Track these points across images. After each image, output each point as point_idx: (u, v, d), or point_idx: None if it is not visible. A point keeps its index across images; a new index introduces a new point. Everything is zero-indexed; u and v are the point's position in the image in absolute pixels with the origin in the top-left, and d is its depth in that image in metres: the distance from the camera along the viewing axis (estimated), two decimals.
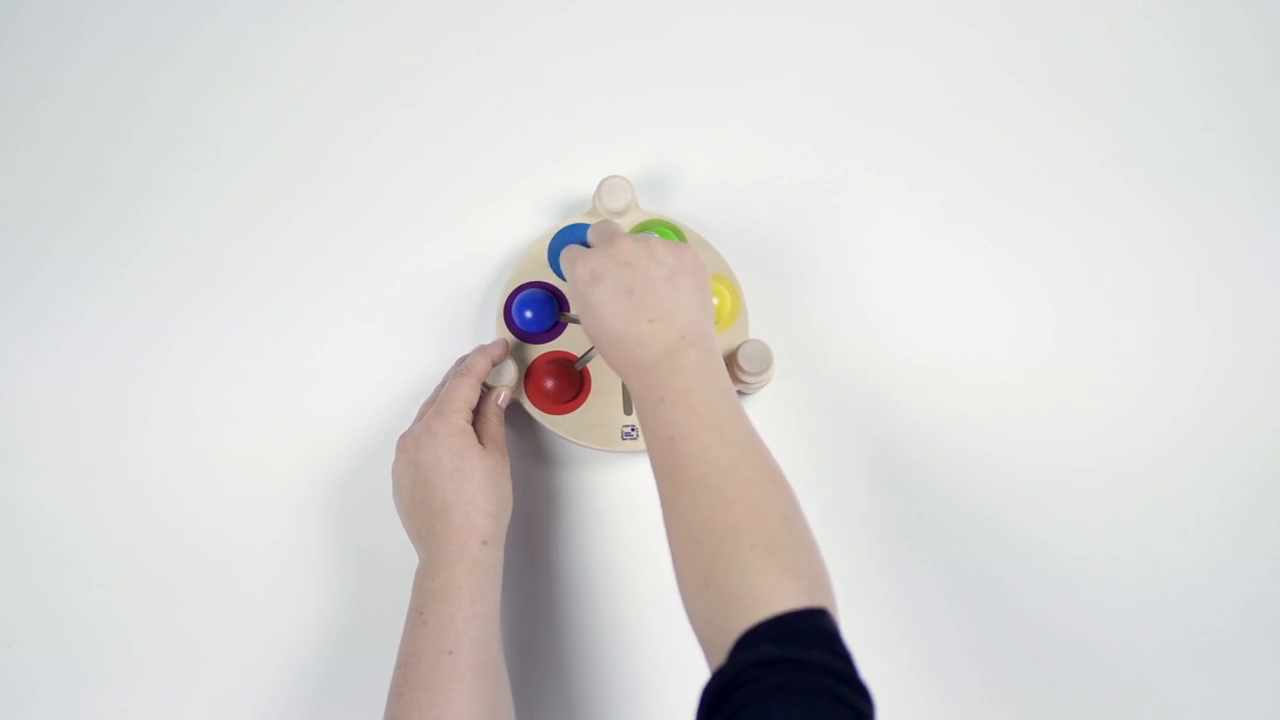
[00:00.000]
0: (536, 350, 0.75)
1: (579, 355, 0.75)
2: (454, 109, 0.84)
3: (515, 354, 0.74)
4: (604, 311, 0.61)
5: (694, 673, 0.71)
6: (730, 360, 0.72)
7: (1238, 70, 0.83)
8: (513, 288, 0.76)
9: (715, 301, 0.73)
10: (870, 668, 0.67)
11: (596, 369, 0.74)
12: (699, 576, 0.52)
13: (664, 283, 0.61)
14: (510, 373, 0.73)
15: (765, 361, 0.71)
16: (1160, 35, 0.84)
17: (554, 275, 0.76)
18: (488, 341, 0.75)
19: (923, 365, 0.75)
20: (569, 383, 0.73)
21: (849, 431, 0.74)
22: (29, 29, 0.88)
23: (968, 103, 0.82)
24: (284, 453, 0.75)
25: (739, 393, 0.74)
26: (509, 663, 0.64)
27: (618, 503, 0.74)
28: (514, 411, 0.74)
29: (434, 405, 0.69)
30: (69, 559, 0.74)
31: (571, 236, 0.77)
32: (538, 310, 0.74)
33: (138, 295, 0.80)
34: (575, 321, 0.75)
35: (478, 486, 0.65)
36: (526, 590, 0.72)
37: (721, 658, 0.49)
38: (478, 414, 0.70)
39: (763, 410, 0.74)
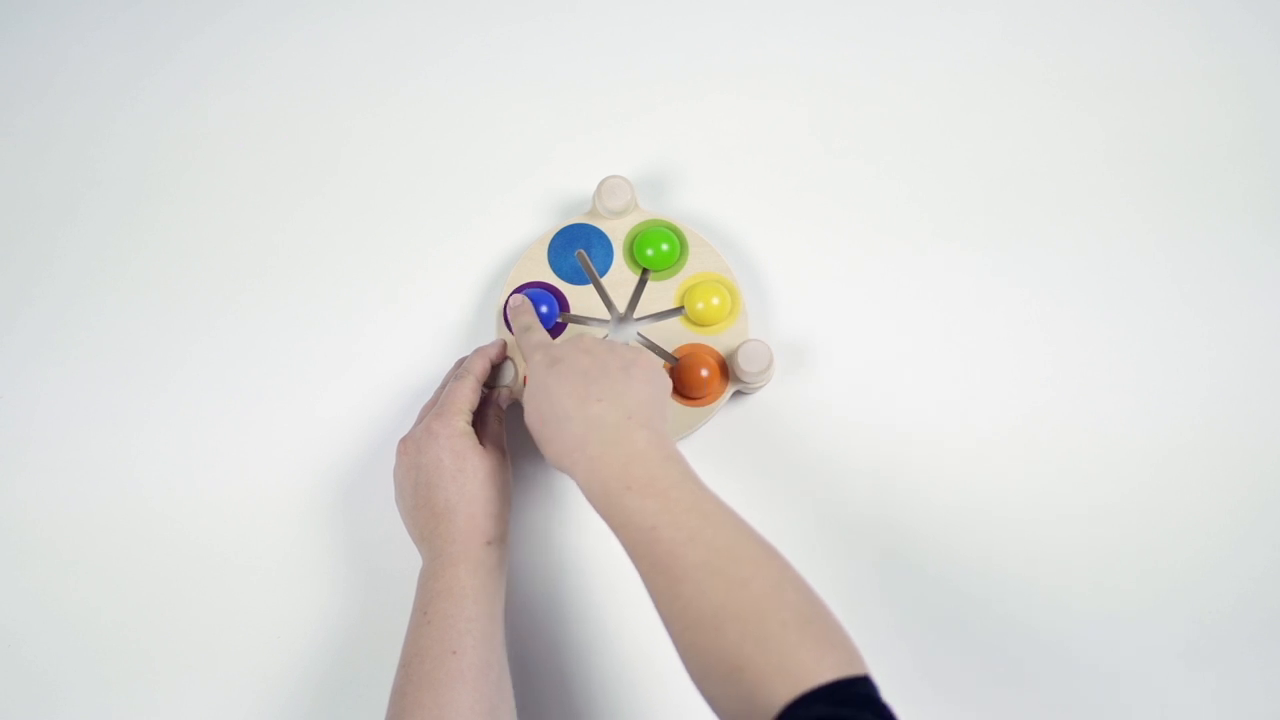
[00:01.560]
0: None
1: None
2: (453, 109, 0.84)
3: (514, 354, 0.74)
4: (555, 391, 0.61)
5: None
6: (731, 360, 0.73)
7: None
8: (513, 288, 0.76)
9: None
10: (870, 668, 0.67)
11: None
12: (727, 661, 0.50)
13: (619, 371, 0.62)
14: (510, 373, 0.73)
15: (765, 361, 0.72)
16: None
17: (554, 275, 0.76)
18: (487, 342, 0.75)
19: (922, 364, 0.76)
20: None
21: (849, 431, 0.74)
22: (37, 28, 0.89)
23: (972, 101, 0.82)
24: (285, 454, 0.76)
25: (739, 392, 0.75)
26: (510, 662, 0.64)
27: None
28: (514, 412, 0.74)
29: (434, 407, 0.69)
30: (69, 560, 0.74)
31: (571, 236, 0.77)
32: (538, 310, 0.74)
33: (138, 297, 0.80)
34: (575, 321, 0.75)
35: (480, 487, 0.65)
36: (527, 590, 0.72)
37: None
38: (478, 415, 0.70)
39: (763, 410, 0.74)
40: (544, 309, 0.74)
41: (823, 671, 0.48)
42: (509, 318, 0.73)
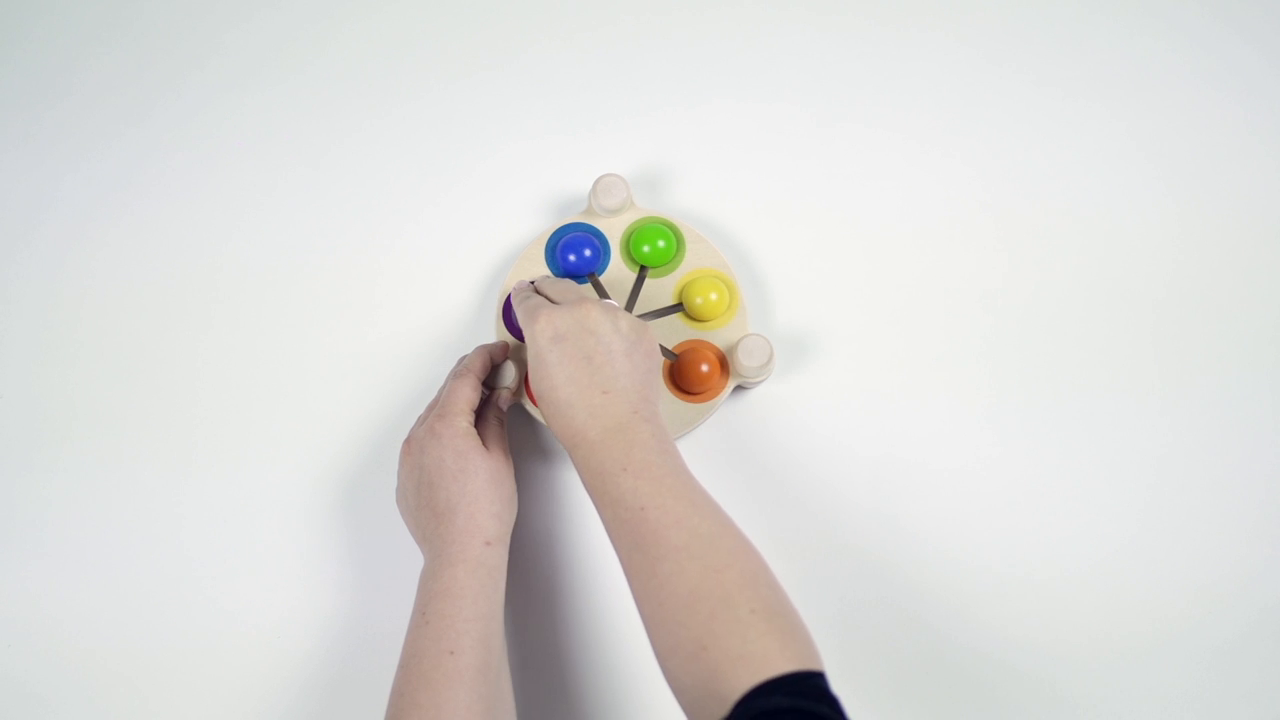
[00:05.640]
0: None
1: None
2: (449, 109, 0.84)
3: (515, 355, 0.74)
4: (558, 373, 0.62)
5: None
6: (731, 355, 0.73)
7: None
8: (511, 288, 0.76)
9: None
10: (868, 668, 0.67)
11: None
12: (693, 641, 0.53)
13: (623, 357, 0.62)
14: (511, 374, 0.73)
15: (765, 355, 0.71)
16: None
17: (552, 275, 0.76)
18: (486, 342, 0.75)
19: (921, 362, 0.75)
20: None
21: (849, 425, 0.74)
22: None
23: (969, 102, 0.82)
24: (287, 454, 0.76)
25: (739, 387, 0.75)
26: (510, 663, 0.64)
27: None
28: (515, 412, 0.74)
29: (436, 408, 0.69)
30: (68, 559, 0.74)
31: (566, 235, 0.76)
32: (582, 253, 0.75)
33: (138, 294, 0.80)
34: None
35: (481, 488, 0.65)
36: (527, 591, 0.72)
37: (721, 715, 0.50)
38: (480, 416, 0.70)
39: (761, 409, 0.74)
40: (588, 253, 0.75)
41: (783, 662, 0.50)
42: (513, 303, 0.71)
